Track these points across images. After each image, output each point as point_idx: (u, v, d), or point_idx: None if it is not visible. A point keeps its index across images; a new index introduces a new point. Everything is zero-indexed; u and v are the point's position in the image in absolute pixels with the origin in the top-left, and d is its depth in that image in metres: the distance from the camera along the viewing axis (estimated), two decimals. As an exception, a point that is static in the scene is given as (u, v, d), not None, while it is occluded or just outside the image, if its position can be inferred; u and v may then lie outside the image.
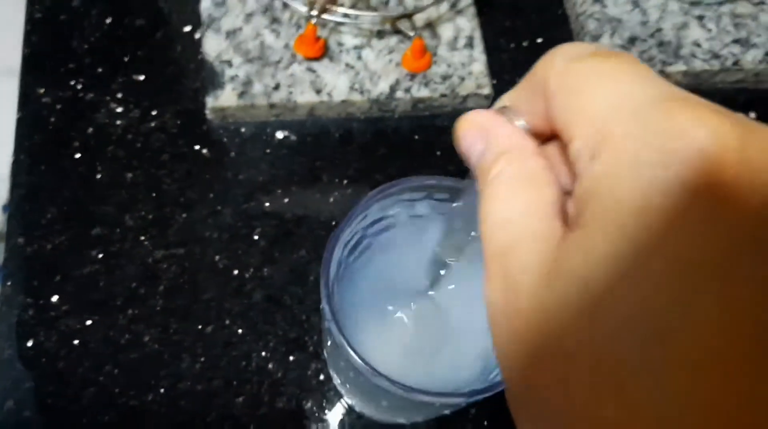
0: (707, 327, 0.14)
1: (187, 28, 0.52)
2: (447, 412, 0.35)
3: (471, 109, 0.52)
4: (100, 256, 0.44)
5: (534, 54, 0.57)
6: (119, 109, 0.48)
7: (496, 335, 0.18)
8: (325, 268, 0.29)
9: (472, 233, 0.26)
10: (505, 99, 0.22)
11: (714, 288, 0.14)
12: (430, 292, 0.32)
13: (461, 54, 0.51)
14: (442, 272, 0.31)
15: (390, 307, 0.32)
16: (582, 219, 0.16)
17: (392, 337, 0.32)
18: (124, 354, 0.42)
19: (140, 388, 0.41)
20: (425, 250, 0.33)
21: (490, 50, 0.53)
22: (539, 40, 0.55)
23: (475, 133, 0.21)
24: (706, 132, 0.15)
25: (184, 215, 0.46)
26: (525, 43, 0.55)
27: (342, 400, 0.42)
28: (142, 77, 0.50)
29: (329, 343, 0.32)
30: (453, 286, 0.31)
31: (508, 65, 0.54)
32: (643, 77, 0.17)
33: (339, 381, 0.36)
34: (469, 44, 0.52)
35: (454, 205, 0.27)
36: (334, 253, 0.30)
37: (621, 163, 0.16)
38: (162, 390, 0.41)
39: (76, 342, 0.41)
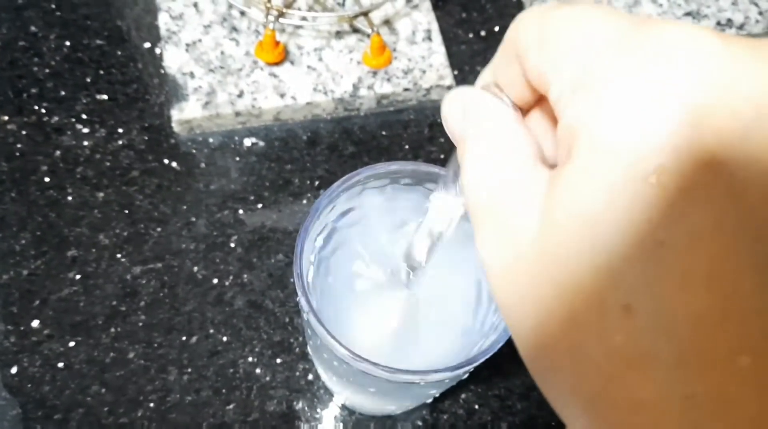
0: (703, 238, 0.14)
1: (147, 45, 0.52)
2: (435, 393, 0.36)
3: (435, 101, 0.52)
4: (78, 277, 0.44)
5: (492, 42, 0.58)
6: (85, 130, 0.48)
7: (499, 295, 0.18)
8: (297, 261, 0.29)
9: (451, 218, 0.26)
10: (484, 75, 0.22)
11: (709, 199, 0.14)
12: (407, 278, 0.32)
13: (420, 48, 0.52)
14: (419, 257, 0.32)
15: (368, 296, 0.33)
16: (571, 152, 0.16)
17: (372, 325, 0.32)
18: (110, 372, 0.41)
19: (129, 406, 0.41)
20: (398, 236, 0.33)
21: (449, 42, 0.53)
22: (496, 29, 0.55)
23: (457, 110, 0.21)
24: (687, 39, 0.15)
25: (158, 229, 0.46)
26: (482, 33, 0.55)
27: (332, 397, 0.42)
28: (105, 97, 0.50)
29: (311, 337, 0.32)
30: (429, 269, 0.32)
31: (468, 55, 0.54)
32: (612, 13, 0.17)
33: (326, 376, 0.37)
34: (428, 37, 0.52)
35: (435, 191, 0.27)
36: (305, 245, 0.30)
37: (604, 89, 0.16)
38: (151, 405, 0.41)
39: (60, 365, 0.41)
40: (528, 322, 0.17)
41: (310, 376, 0.43)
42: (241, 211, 0.47)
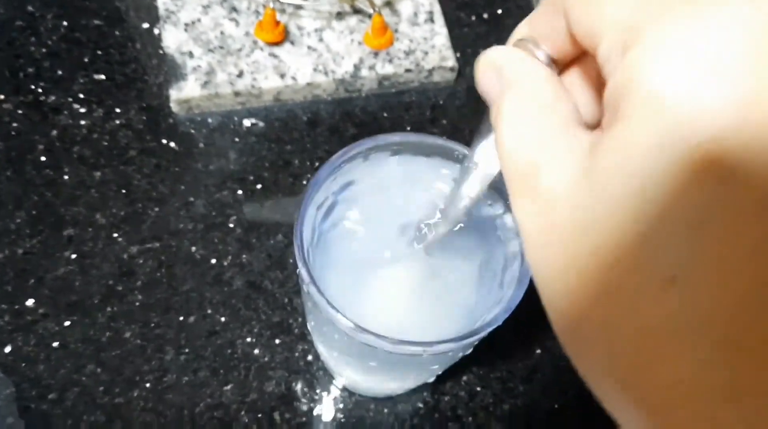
0: (757, 213, 0.13)
1: (146, 25, 0.51)
2: (438, 369, 0.35)
3: (437, 83, 0.52)
4: (74, 256, 0.43)
5: (494, 25, 0.58)
6: (82, 110, 0.47)
7: (534, 262, 0.17)
8: (297, 232, 0.29)
9: (482, 184, 0.25)
10: (521, 28, 0.21)
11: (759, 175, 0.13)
12: (411, 251, 0.32)
13: (422, 29, 0.51)
14: (425, 230, 0.31)
15: (369, 271, 0.32)
16: (619, 113, 0.15)
17: (374, 299, 0.32)
18: (106, 352, 0.41)
19: (125, 385, 0.40)
20: (400, 209, 0.33)
21: (451, 25, 0.53)
22: (499, 11, 0.55)
23: (490, 72, 0.20)
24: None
25: (156, 209, 0.45)
26: (485, 16, 0.55)
27: (332, 379, 0.42)
28: (103, 77, 0.49)
29: (311, 311, 0.31)
30: (435, 242, 0.31)
31: (470, 38, 0.54)
32: None
33: (327, 353, 0.36)
34: (430, 19, 0.52)
35: (466, 156, 0.26)
36: (306, 216, 0.29)
37: (658, 48, 0.15)
38: (147, 385, 0.40)
39: (55, 344, 0.41)
40: (563, 293, 0.16)
41: (310, 357, 0.42)
42: (240, 192, 0.46)
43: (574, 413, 0.42)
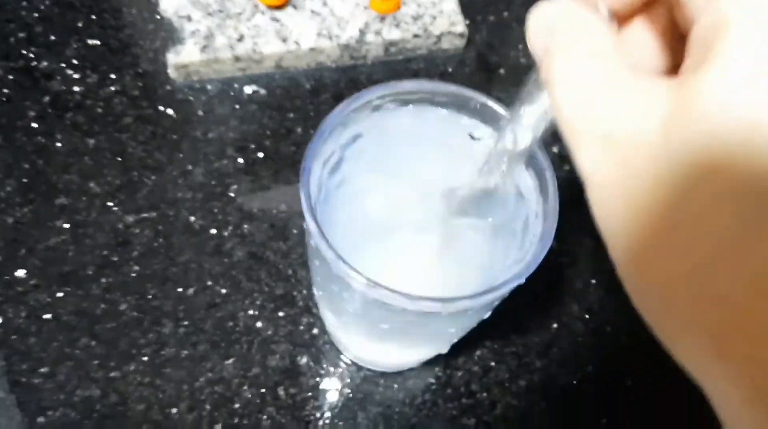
0: None
1: (142, -10, 0.49)
2: (454, 335, 0.33)
3: (446, 50, 0.50)
4: (67, 226, 0.41)
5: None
6: (76, 76, 0.45)
7: (603, 217, 0.16)
8: (304, 181, 0.27)
9: (526, 141, 0.24)
10: None
11: None
12: (426, 210, 0.30)
13: (430, -7, 0.49)
14: (456, 194, 0.29)
15: (380, 229, 0.30)
16: (717, 52, 0.14)
17: (387, 259, 0.30)
18: (101, 325, 0.39)
19: (121, 359, 0.38)
20: (413, 165, 0.31)
21: (460, -11, 0.51)
22: (509, -23, 0.53)
23: (542, 23, 0.18)
24: None
25: (153, 178, 0.43)
26: (495, -19, 0.53)
27: (339, 354, 0.40)
28: (97, 42, 0.47)
29: (318, 271, 0.29)
30: (453, 202, 0.29)
31: (480, 4, 0.52)
32: None
33: (334, 320, 0.34)
34: (438, -17, 0.50)
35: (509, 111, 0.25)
36: (313, 166, 0.27)
37: None
38: (144, 358, 0.38)
39: (47, 316, 0.38)
40: (637, 248, 0.15)
41: (315, 330, 0.40)
42: (241, 160, 0.44)
43: (592, 389, 0.40)
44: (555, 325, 0.42)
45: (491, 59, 0.50)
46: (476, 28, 0.51)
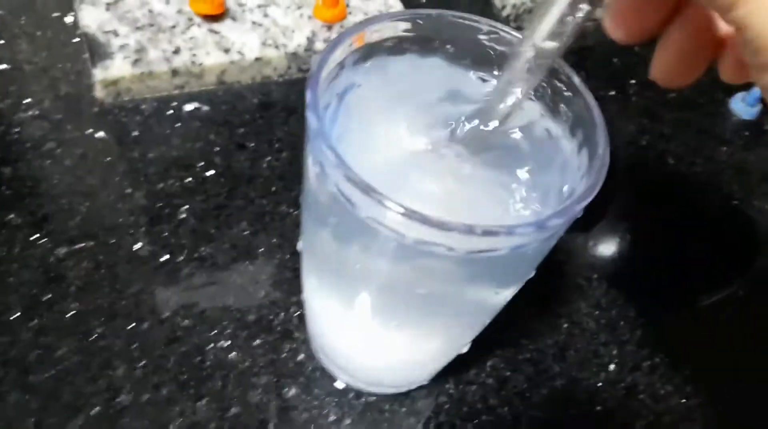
0: None
1: (56, 14, 0.44)
2: (493, 310, 0.27)
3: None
4: (-18, 264, 0.33)
5: (454, 2, 0.50)
6: (-17, 102, 0.39)
7: None
8: (312, 86, 0.22)
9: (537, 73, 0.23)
10: None
11: None
12: (440, 143, 0.25)
13: (376, 2, 0.47)
14: (464, 125, 0.25)
15: (390, 173, 0.25)
16: None
17: (398, 195, 0.25)
18: (35, 374, 0.31)
19: (64, 414, 0.30)
20: (431, 95, 0.27)
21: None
22: (450, -11, 0.51)
23: None
24: None
25: (86, 204, 0.36)
26: (436, -6, 0.51)
27: (333, 380, 0.33)
28: (6, 66, 0.41)
29: (325, 220, 0.24)
30: (470, 135, 0.25)
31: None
32: None
33: (339, 306, 0.27)
34: (382, -8, 0.47)
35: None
36: (322, 71, 0.23)
37: None
38: (96, 409, 0.30)
39: (-37, 373, 0.30)
40: None
41: (301, 356, 0.34)
42: (189, 179, 0.38)
43: (619, 389, 0.36)
44: (566, 325, 0.37)
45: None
46: (424, 38, 0.48)
